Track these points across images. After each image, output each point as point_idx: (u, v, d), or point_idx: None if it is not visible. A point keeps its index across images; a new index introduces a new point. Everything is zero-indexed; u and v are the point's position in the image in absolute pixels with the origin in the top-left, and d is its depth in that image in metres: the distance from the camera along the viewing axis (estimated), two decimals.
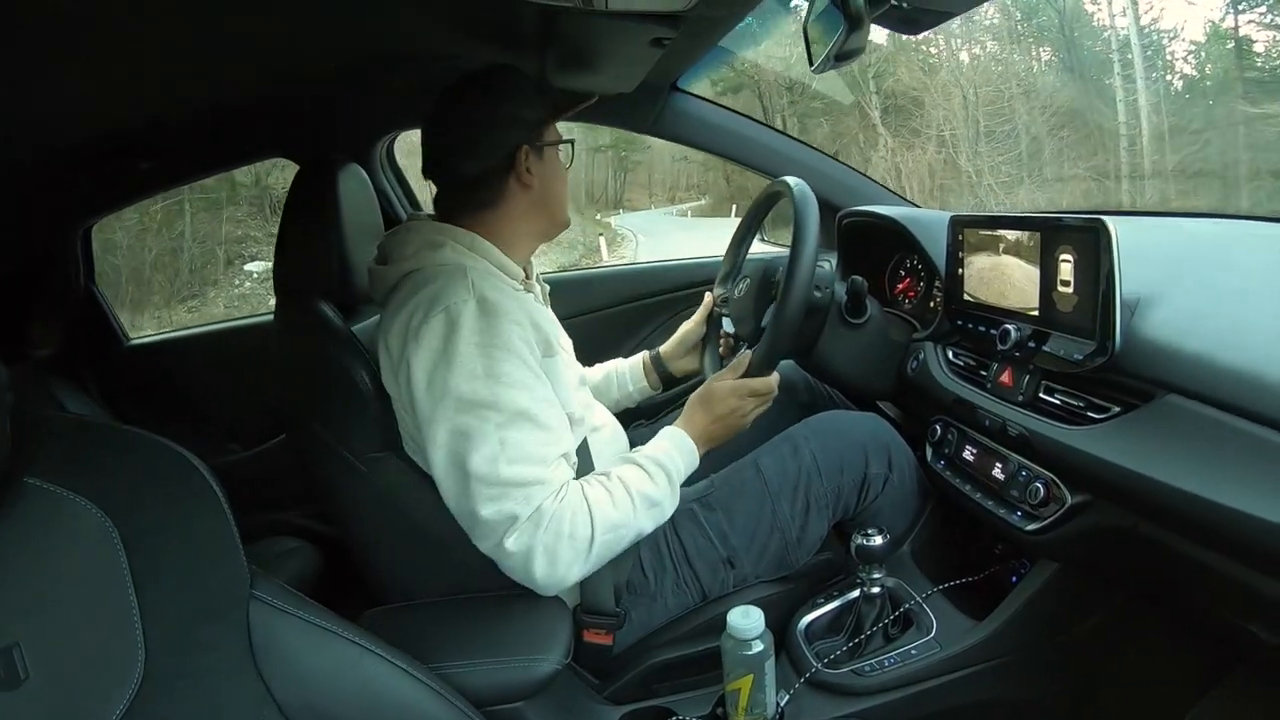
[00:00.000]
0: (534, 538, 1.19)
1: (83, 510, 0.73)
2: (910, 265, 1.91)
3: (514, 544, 1.19)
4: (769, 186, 1.70)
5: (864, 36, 1.12)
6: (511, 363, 1.21)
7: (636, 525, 1.29)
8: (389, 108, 2.01)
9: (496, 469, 1.18)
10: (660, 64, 1.60)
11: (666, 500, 1.33)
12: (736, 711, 1.22)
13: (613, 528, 1.25)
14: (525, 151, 1.36)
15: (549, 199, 1.42)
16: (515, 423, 1.20)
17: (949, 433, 1.49)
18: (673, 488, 1.35)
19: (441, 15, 1.35)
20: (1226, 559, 0.96)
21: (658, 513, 1.32)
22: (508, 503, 1.18)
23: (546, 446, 1.23)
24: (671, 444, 1.39)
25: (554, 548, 1.20)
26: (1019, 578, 1.36)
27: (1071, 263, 1.18)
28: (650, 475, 1.32)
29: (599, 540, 1.22)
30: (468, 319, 1.20)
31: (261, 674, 0.78)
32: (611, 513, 1.25)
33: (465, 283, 1.23)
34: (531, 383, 1.23)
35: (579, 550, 1.21)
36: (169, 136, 1.70)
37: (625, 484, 1.29)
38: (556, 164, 1.44)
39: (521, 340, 1.24)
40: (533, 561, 1.20)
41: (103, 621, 0.71)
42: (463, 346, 1.19)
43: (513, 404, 1.20)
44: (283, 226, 1.46)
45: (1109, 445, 1.10)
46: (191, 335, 2.61)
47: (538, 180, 1.39)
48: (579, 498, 1.24)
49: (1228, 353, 1.01)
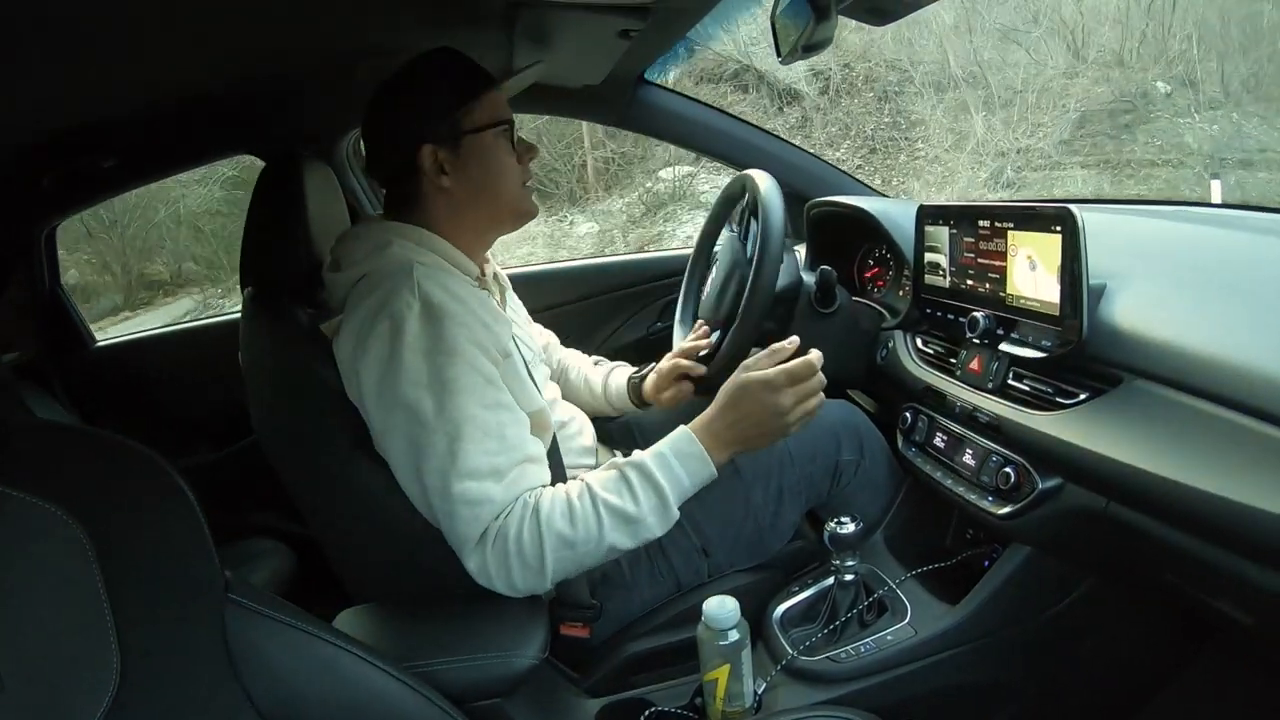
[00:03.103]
0: (485, 557, 1.17)
1: (51, 516, 0.72)
2: (879, 254, 1.93)
3: (471, 563, 1.18)
4: (734, 180, 1.71)
5: (832, 27, 1.12)
6: (458, 367, 1.18)
7: (604, 542, 1.19)
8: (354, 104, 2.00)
9: (447, 483, 1.15)
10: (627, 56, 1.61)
11: (650, 517, 1.21)
12: (714, 701, 1.23)
13: (568, 545, 1.18)
14: (431, 151, 1.30)
15: (481, 194, 1.34)
16: (465, 432, 1.16)
17: (919, 420, 1.50)
18: (661, 501, 1.22)
19: (406, 8, 1.34)
20: (1195, 539, 0.98)
21: (636, 530, 1.21)
22: (458, 523, 1.16)
23: (499, 456, 1.19)
24: (672, 449, 1.26)
25: (506, 565, 1.17)
26: (991, 562, 1.38)
27: (1040, 251, 1.19)
28: (630, 486, 1.22)
29: (550, 557, 1.17)
30: (412, 324, 1.17)
31: (239, 677, 0.77)
32: (566, 530, 1.18)
33: (410, 284, 1.19)
34: (480, 387, 1.19)
35: (531, 568, 1.17)
36: (132, 134, 1.68)
37: (593, 497, 1.21)
38: (488, 152, 1.33)
39: (469, 342, 1.19)
40: (491, 578, 1.18)
41: (76, 628, 0.71)
42: (407, 354, 1.16)
43: (461, 411, 1.16)
44: (248, 224, 1.44)
45: (1078, 430, 1.12)
46: (158, 336, 2.59)
47: (457, 176, 1.32)
48: (529, 514, 1.18)
49: (1193, 337, 1.03)
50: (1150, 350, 1.06)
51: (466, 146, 1.31)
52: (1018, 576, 1.32)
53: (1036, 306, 1.22)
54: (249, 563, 2.00)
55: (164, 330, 2.62)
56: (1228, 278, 1.18)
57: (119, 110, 1.49)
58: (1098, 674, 1.39)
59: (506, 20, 1.39)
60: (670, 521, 1.23)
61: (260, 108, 1.80)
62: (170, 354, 2.46)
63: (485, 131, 1.32)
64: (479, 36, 1.49)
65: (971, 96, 7.73)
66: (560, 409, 1.51)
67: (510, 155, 1.36)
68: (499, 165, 1.34)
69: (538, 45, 1.54)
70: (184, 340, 2.51)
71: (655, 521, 1.22)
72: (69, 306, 2.39)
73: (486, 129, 1.32)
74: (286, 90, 1.70)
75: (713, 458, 1.25)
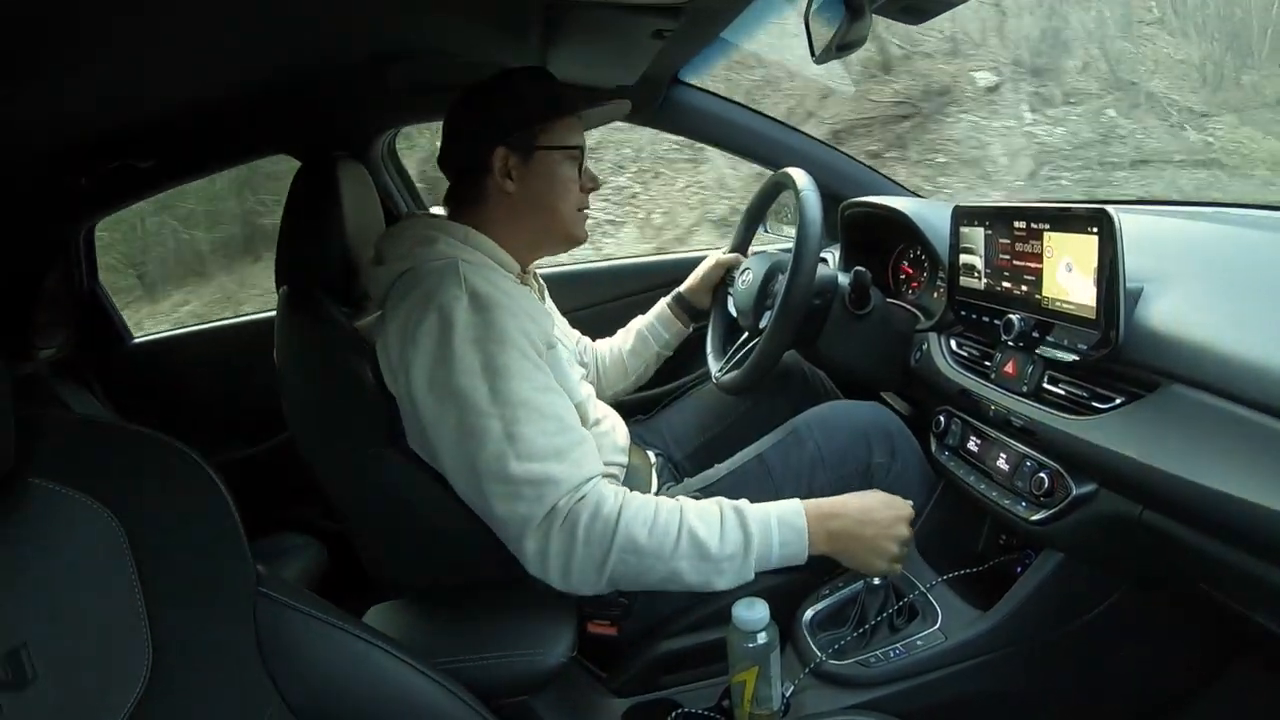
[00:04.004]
0: (548, 539, 1.17)
1: (88, 509, 0.73)
2: (913, 256, 1.91)
3: (530, 545, 1.17)
4: (772, 177, 1.70)
5: (866, 26, 1.12)
6: (509, 354, 1.19)
7: (670, 564, 1.19)
8: (390, 104, 2.01)
9: (506, 467, 1.16)
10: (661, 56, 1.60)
11: (726, 562, 1.21)
12: (742, 703, 1.23)
13: (635, 551, 1.17)
14: (504, 154, 1.34)
15: (539, 207, 1.38)
16: (521, 415, 1.17)
17: (953, 423, 1.49)
18: (744, 553, 1.22)
19: (443, 10, 1.35)
20: (1231, 548, 0.96)
21: (707, 568, 1.21)
22: (520, 503, 1.16)
23: (558, 436, 1.20)
24: (778, 514, 1.27)
25: (568, 551, 1.17)
26: (1024, 568, 1.36)
27: (1076, 252, 1.18)
28: (722, 525, 1.23)
29: (615, 556, 1.17)
30: (461, 315, 1.19)
31: (269, 671, 0.78)
32: (641, 535, 1.18)
33: (457, 278, 1.21)
34: (532, 373, 1.21)
35: (592, 559, 1.17)
36: (170, 135, 1.70)
37: (681, 518, 1.21)
38: (553, 172, 1.38)
39: (519, 331, 1.21)
40: (548, 564, 1.18)
41: (110, 620, 0.71)
42: (458, 344, 1.18)
43: (515, 395, 1.17)
44: (284, 223, 1.46)
45: (1113, 435, 1.10)
46: (195, 332, 2.61)
47: (521, 185, 1.36)
48: (610, 500, 1.19)
49: (1231, 342, 1.01)
50: (1188, 354, 1.04)
51: (537, 159, 1.36)
52: (1050, 583, 1.30)
53: (1072, 309, 1.20)
54: (281, 557, 2.03)
55: (200, 327, 2.64)
56: (1268, 280, 1.16)
57: (157, 112, 1.51)
58: (1129, 683, 1.37)
59: (541, 20, 1.39)
60: (741, 579, 1.24)
61: (296, 108, 1.82)
62: (206, 350, 2.48)
63: (557, 151, 1.37)
64: (513, 37, 1.49)
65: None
66: (596, 408, 1.52)
67: (575, 180, 1.41)
68: (562, 185, 1.39)
69: (572, 45, 1.55)
70: (220, 337, 2.53)
71: (729, 569, 1.22)
72: (107, 303, 2.42)
73: (559, 149, 1.37)
74: (322, 91, 1.71)
75: (811, 542, 1.26)
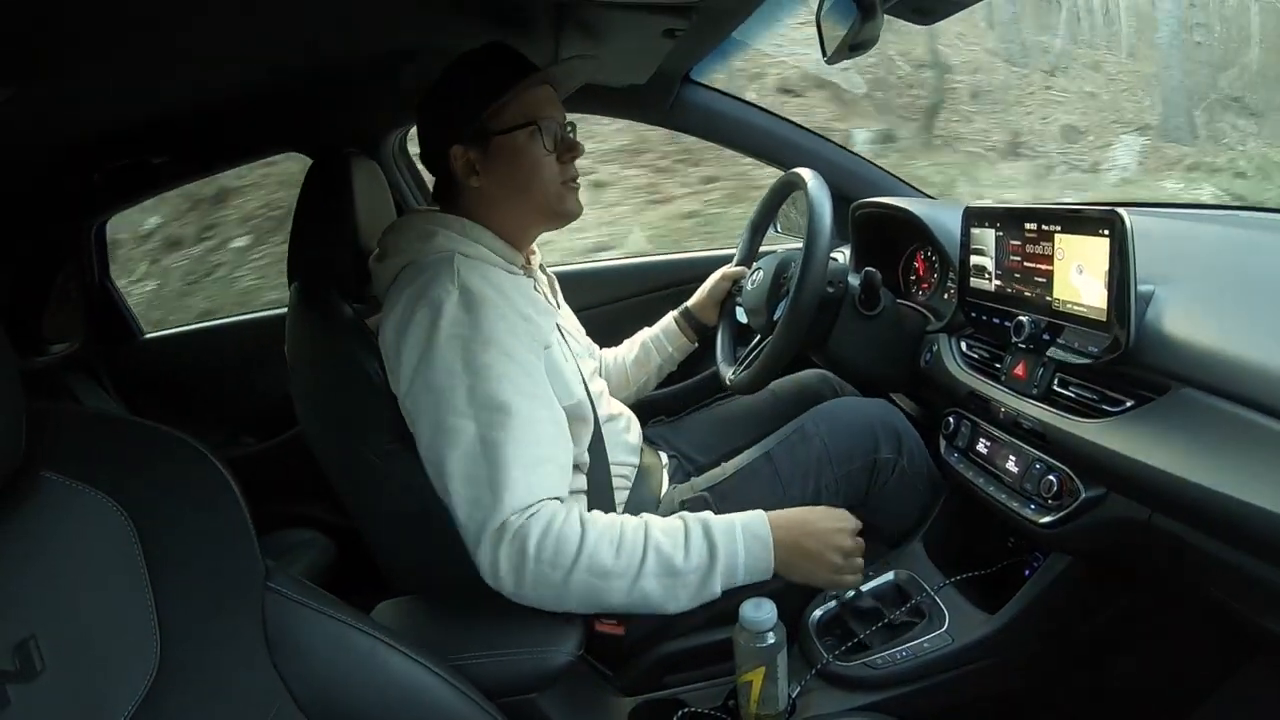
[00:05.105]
0: (498, 552, 1.14)
1: (99, 503, 0.73)
2: (924, 257, 1.91)
3: (482, 554, 1.16)
4: (783, 177, 1.70)
5: (878, 26, 1.12)
6: (492, 354, 1.18)
7: (637, 586, 1.16)
8: (401, 101, 2.02)
9: (473, 471, 1.15)
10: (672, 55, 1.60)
11: (692, 576, 1.18)
12: (748, 703, 1.22)
13: (603, 574, 1.15)
14: (461, 151, 1.32)
15: (512, 192, 1.35)
16: (496, 420, 1.16)
17: (963, 425, 1.48)
18: (709, 566, 1.19)
19: (452, 7, 1.35)
20: (1241, 553, 0.96)
21: (673, 585, 1.18)
22: (478, 510, 1.15)
23: (530, 448, 1.17)
24: (742, 524, 1.25)
25: (519, 567, 1.14)
26: (1032, 571, 1.36)
27: (1087, 254, 1.17)
28: (687, 539, 1.20)
29: (577, 578, 1.14)
30: (449, 311, 1.18)
31: (276, 666, 0.78)
32: (608, 558, 1.15)
33: (450, 273, 1.21)
34: (516, 376, 1.19)
35: (546, 578, 1.14)
36: (183, 131, 1.71)
37: (647, 535, 1.19)
38: (519, 153, 1.33)
39: (507, 332, 1.20)
40: (499, 577, 1.15)
41: (118, 614, 0.72)
42: (442, 340, 1.17)
43: (493, 398, 1.16)
44: (296, 220, 1.47)
45: (1123, 438, 1.10)
46: (206, 329, 2.63)
47: (488, 176, 1.33)
48: (562, 521, 1.16)
49: (1243, 345, 1.00)
50: (1199, 358, 1.04)
51: (495, 147, 1.32)
52: (1058, 586, 1.30)
53: (1083, 311, 1.19)
54: (289, 553, 2.03)
55: (212, 323, 2.65)
56: (1279, 284, 1.15)
57: (170, 109, 1.52)
58: (1136, 687, 1.37)
59: (552, 20, 1.40)
60: (704, 596, 1.20)
61: (308, 105, 1.82)
62: (217, 346, 2.49)
63: (515, 132, 1.32)
64: (525, 36, 1.49)
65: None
66: (610, 404, 1.52)
67: (546, 154, 1.35)
68: (530, 165, 1.34)
69: (583, 45, 1.55)
70: (231, 332, 2.54)
71: (695, 583, 1.19)
72: (118, 299, 2.43)
73: (516, 129, 1.32)
74: (334, 88, 1.72)
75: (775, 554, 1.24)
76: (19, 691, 0.64)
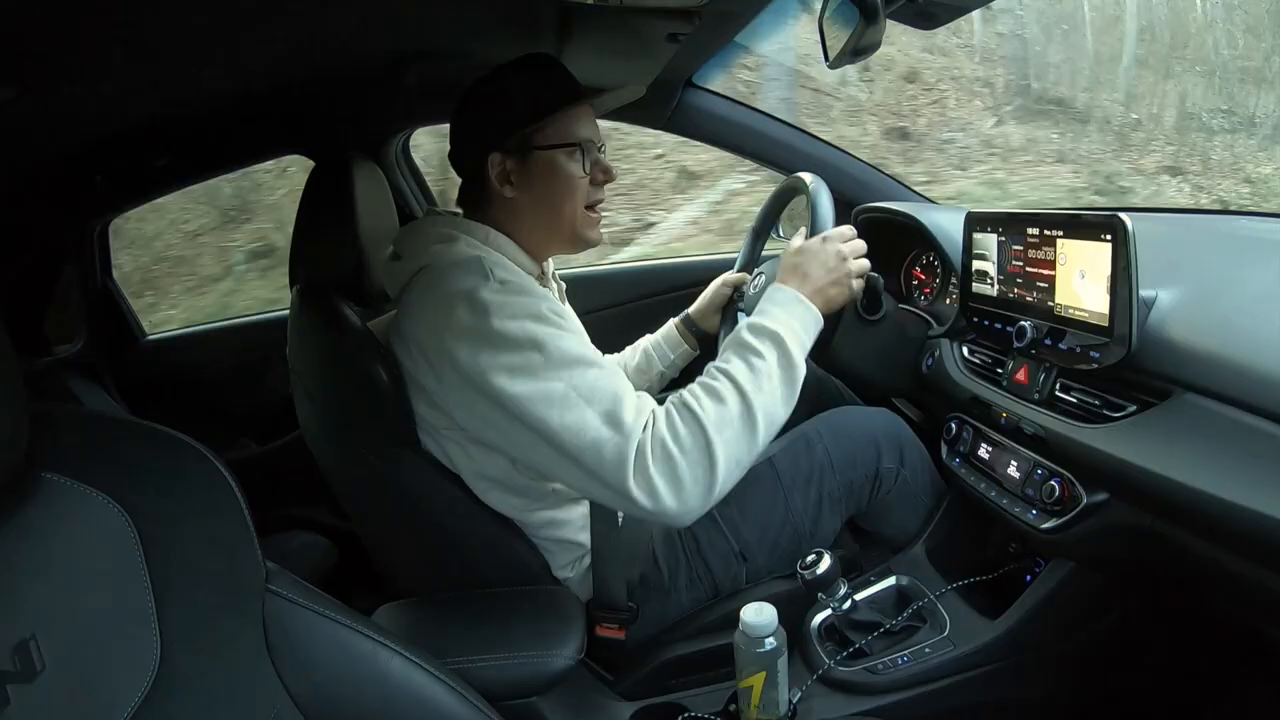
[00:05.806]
0: (649, 474, 1.12)
1: (99, 504, 0.73)
2: (926, 262, 1.91)
3: (636, 487, 1.12)
4: (785, 182, 1.70)
5: (880, 31, 1.11)
6: (546, 326, 1.17)
7: (755, 406, 1.16)
8: (404, 105, 2.02)
9: (581, 420, 1.13)
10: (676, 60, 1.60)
11: (775, 368, 1.20)
12: (749, 708, 1.22)
13: (728, 422, 1.14)
14: (499, 159, 1.31)
15: (542, 208, 1.34)
16: (574, 369, 1.15)
17: (965, 430, 1.48)
18: (780, 347, 1.21)
19: (458, 11, 1.35)
20: (1243, 560, 0.96)
21: (772, 384, 1.19)
22: (607, 450, 1.12)
23: (614, 379, 1.17)
24: (768, 301, 1.28)
25: (673, 471, 1.12)
26: (1033, 577, 1.36)
27: (1089, 259, 1.17)
28: (743, 347, 1.22)
29: (718, 445, 1.13)
30: (493, 298, 1.17)
31: (276, 668, 0.78)
32: (714, 407, 1.15)
33: (481, 270, 1.20)
34: (571, 337, 1.18)
35: (698, 462, 1.12)
36: (186, 133, 1.71)
37: (718, 368, 1.21)
38: (556, 171, 1.33)
39: (549, 309, 1.19)
40: (661, 499, 1.12)
41: (119, 615, 0.72)
42: (495, 324, 1.15)
43: (564, 354, 1.15)
44: (298, 223, 1.46)
45: (1125, 444, 1.10)
46: (207, 330, 2.62)
47: (521, 187, 1.32)
48: (671, 410, 1.16)
49: (1245, 351, 1.00)
50: (1201, 363, 1.04)
51: (534, 161, 1.32)
52: (1060, 592, 1.30)
53: (1085, 317, 1.19)
54: (291, 555, 2.03)
55: (213, 325, 2.65)
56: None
57: (173, 111, 1.52)
58: (1139, 694, 1.37)
59: (556, 22, 1.39)
60: (796, 377, 1.22)
61: (311, 108, 1.82)
62: (219, 348, 2.49)
63: (557, 150, 1.32)
64: (528, 39, 1.49)
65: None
66: None
67: (581, 176, 1.35)
68: (564, 184, 1.34)
69: (586, 48, 1.55)
70: (233, 335, 2.54)
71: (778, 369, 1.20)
72: (120, 300, 2.43)
73: (557, 148, 1.32)
74: (337, 92, 1.72)
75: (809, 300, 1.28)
76: (19, 691, 0.64)
